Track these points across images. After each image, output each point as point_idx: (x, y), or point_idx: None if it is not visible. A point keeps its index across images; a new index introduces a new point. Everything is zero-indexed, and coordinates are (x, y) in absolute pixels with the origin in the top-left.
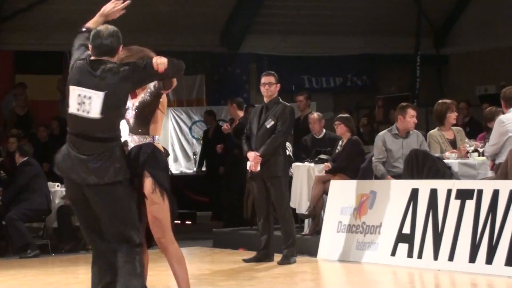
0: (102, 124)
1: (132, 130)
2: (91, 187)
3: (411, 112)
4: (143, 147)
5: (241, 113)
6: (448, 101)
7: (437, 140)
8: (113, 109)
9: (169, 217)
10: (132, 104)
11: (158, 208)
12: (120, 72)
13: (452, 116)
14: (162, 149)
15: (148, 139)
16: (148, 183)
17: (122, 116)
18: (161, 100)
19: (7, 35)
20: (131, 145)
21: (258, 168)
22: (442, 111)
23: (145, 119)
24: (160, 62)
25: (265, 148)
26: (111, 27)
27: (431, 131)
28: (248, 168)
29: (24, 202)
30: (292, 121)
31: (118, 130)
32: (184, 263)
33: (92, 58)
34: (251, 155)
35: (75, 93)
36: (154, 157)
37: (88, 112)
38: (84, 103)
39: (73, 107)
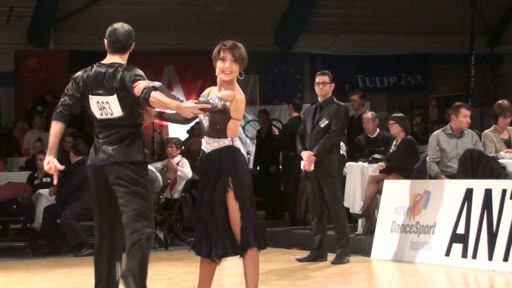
0: (125, 117)
1: (207, 134)
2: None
3: (464, 111)
4: (223, 151)
5: (295, 114)
6: (506, 104)
7: (491, 139)
8: (131, 105)
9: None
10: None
11: (235, 213)
12: (122, 79)
13: (504, 121)
14: (240, 149)
15: (226, 142)
16: (228, 191)
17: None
18: (235, 107)
19: (63, 35)
20: (207, 147)
21: (312, 168)
22: (496, 113)
23: (219, 128)
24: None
25: (319, 147)
26: (126, 26)
27: (486, 131)
28: (302, 167)
29: (78, 201)
30: (347, 121)
31: (139, 119)
32: (258, 268)
33: (102, 62)
34: (305, 154)
35: (93, 101)
36: (235, 162)
37: (111, 114)
38: (104, 108)
39: (96, 113)
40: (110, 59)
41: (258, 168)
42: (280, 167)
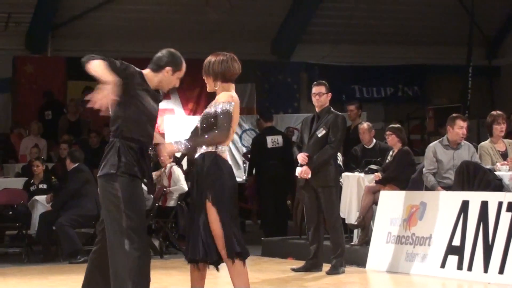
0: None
1: None
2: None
3: (460, 123)
4: (206, 157)
5: (268, 124)
6: (495, 113)
7: (488, 152)
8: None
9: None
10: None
11: (213, 220)
12: None
13: (498, 128)
14: (226, 158)
15: (210, 148)
16: (206, 199)
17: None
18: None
19: (60, 41)
20: (199, 152)
21: (309, 176)
22: (489, 122)
23: (208, 128)
24: None
25: (316, 160)
26: (172, 50)
27: (482, 143)
28: (297, 174)
29: (74, 208)
30: (344, 131)
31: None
32: (245, 276)
33: None
34: (300, 156)
35: None
36: (215, 168)
37: None
38: None
39: None
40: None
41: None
42: None
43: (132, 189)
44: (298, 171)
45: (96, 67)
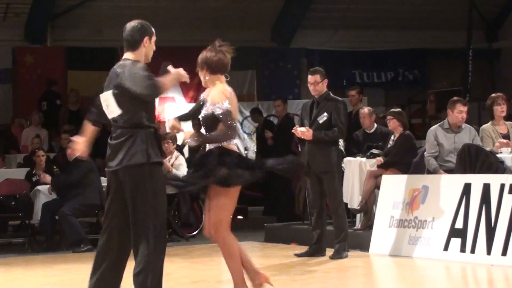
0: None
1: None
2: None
3: (459, 107)
4: (213, 150)
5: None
6: (494, 95)
7: (489, 134)
8: (129, 103)
9: (222, 213)
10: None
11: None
12: (121, 74)
13: (498, 109)
14: (234, 149)
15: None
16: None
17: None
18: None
19: (59, 31)
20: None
21: (308, 137)
22: (489, 105)
23: (211, 128)
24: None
25: (321, 133)
26: (134, 22)
27: (484, 126)
28: (295, 130)
29: (77, 197)
30: (347, 117)
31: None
32: (234, 257)
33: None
34: (302, 128)
35: (102, 99)
36: (220, 159)
37: (112, 112)
38: (108, 105)
39: (108, 114)
40: (126, 55)
41: None
42: None
43: (161, 176)
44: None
45: (164, 90)
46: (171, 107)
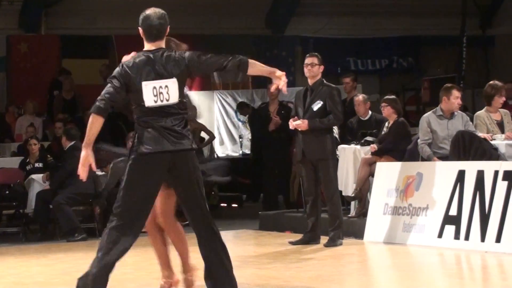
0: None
1: None
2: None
3: (455, 93)
4: None
5: None
6: (499, 84)
7: (484, 121)
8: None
9: (168, 201)
10: None
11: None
12: (183, 59)
13: (499, 100)
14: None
15: None
16: None
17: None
18: None
19: (54, 20)
20: None
21: (303, 128)
22: (491, 93)
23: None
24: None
25: (317, 121)
26: (158, 10)
27: (478, 112)
28: (292, 124)
29: (70, 186)
30: (341, 104)
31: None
32: (185, 242)
33: (147, 49)
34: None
35: (148, 88)
36: None
37: (167, 100)
38: (161, 93)
39: (149, 101)
40: (152, 46)
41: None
42: None
43: None
44: (295, 121)
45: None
46: None
